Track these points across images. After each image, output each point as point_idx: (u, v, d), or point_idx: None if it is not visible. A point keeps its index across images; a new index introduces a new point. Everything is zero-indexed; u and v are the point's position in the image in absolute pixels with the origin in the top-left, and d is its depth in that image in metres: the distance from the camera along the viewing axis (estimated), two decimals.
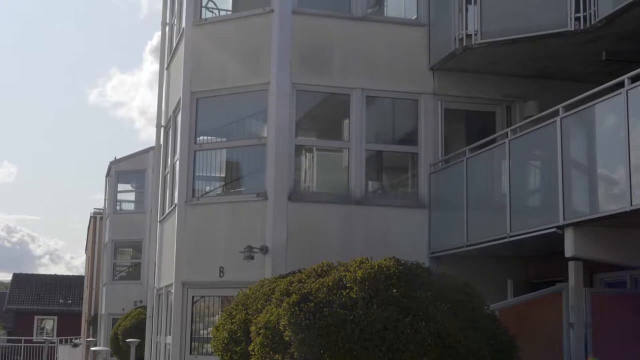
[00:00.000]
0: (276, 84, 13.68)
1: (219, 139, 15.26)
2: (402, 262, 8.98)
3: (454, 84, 14.31)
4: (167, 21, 17.22)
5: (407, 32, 14.39)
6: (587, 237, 10.36)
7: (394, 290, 8.47)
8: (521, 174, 12.01)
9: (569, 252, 10.46)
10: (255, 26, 14.11)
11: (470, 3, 13.30)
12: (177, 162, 14.73)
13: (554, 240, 10.83)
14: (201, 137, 14.60)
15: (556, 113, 10.90)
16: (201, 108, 14.38)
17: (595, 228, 10.34)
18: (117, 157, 36.82)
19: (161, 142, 16.93)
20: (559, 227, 10.56)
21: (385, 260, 8.87)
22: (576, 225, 10.35)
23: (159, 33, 17.38)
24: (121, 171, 36.38)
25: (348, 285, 8.61)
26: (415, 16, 14.57)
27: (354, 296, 8.42)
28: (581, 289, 10.57)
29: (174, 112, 15.76)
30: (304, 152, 14.44)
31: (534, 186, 11.84)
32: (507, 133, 12.35)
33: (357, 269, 8.72)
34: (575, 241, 10.38)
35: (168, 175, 16.28)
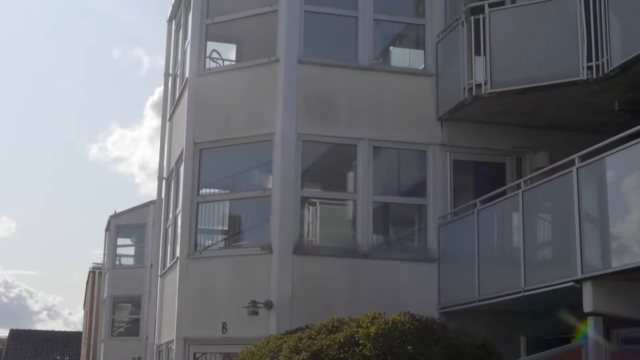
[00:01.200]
0: (281, 134, 13.39)
1: (222, 191, 14.92)
2: (417, 317, 8.58)
3: (462, 134, 14.02)
4: (170, 72, 17.02)
5: (415, 82, 14.14)
6: (607, 292, 9.96)
7: (409, 347, 8.09)
8: (535, 226, 11.66)
9: (587, 307, 10.03)
10: (260, 76, 13.88)
11: (480, 54, 13.08)
12: (179, 215, 14.37)
13: (570, 295, 10.43)
14: (203, 190, 14.27)
15: (571, 163, 10.58)
16: (204, 159, 14.08)
17: (615, 282, 9.94)
18: (117, 211, 36.51)
19: (163, 195, 16.60)
20: (576, 281, 10.16)
21: (399, 315, 8.49)
22: (595, 279, 9.96)
23: (160, 88, 17.24)
24: (121, 225, 36.05)
25: (361, 342, 8.22)
26: (423, 66, 14.34)
27: (367, 354, 8.03)
28: (601, 346, 10.13)
29: (176, 163, 15.45)
30: (309, 204, 14.09)
31: (548, 238, 11.46)
32: (519, 184, 12.02)
33: (369, 324, 8.34)
34: (594, 296, 9.97)
35: (169, 229, 15.92)
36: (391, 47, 15.13)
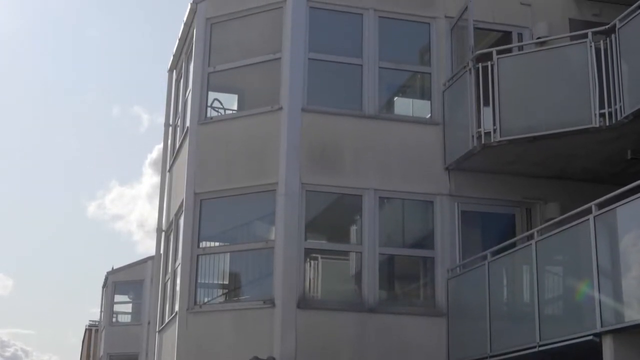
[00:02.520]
0: (285, 184, 13.02)
1: (223, 244, 14.47)
2: None
3: (471, 184, 13.64)
4: (170, 122, 16.70)
5: (421, 131, 13.82)
6: (629, 346, 9.48)
7: None
8: (549, 277, 11.21)
9: None
10: (263, 124, 13.55)
11: (488, 102, 12.76)
12: (179, 268, 13.92)
13: (589, 350, 9.97)
14: (204, 242, 13.83)
15: (587, 212, 10.18)
16: (205, 210, 13.68)
17: (638, 336, 9.48)
18: (115, 268, 36.03)
19: (162, 248, 16.15)
20: (595, 335, 9.69)
21: None
22: (615, 332, 9.49)
23: (159, 146, 16.93)
24: (118, 282, 35.56)
25: None
26: (429, 115, 14.02)
27: None
28: None
29: (176, 215, 15.04)
30: (312, 258, 13.64)
31: (564, 290, 10.98)
32: (532, 234, 11.61)
33: None
34: (615, 350, 9.50)
35: (168, 282, 15.45)
36: (397, 96, 14.83)
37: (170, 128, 16.75)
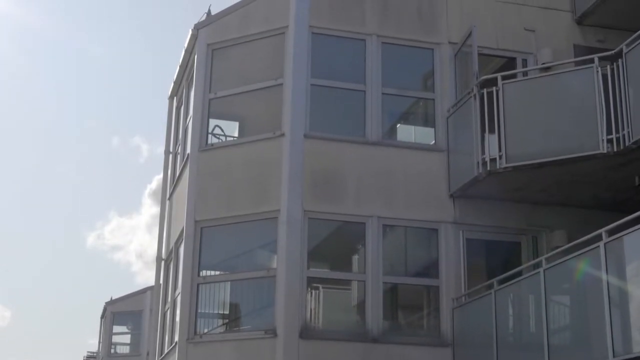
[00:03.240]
0: (287, 211, 12.80)
1: (224, 272, 14.22)
2: None
3: (476, 212, 13.43)
4: (171, 150, 16.50)
5: (425, 158, 13.62)
6: None
7: None
8: (558, 306, 10.96)
9: None
10: (264, 151, 13.36)
11: (493, 128, 12.57)
12: (179, 297, 13.65)
13: None
14: (204, 271, 13.58)
15: (597, 239, 9.96)
16: (205, 238, 13.44)
17: None
18: (113, 298, 35.70)
19: (161, 277, 15.89)
20: None
21: None
22: None
23: (159, 177, 16.75)
24: (117, 312, 35.21)
25: None
26: (433, 141, 13.83)
27: None
28: None
29: (176, 243, 14.80)
30: (313, 288, 13.39)
31: (574, 319, 10.73)
32: (540, 262, 11.38)
33: None
34: None
35: (168, 312, 15.17)
36: (400, 122, 14.65)
37: (171, 156, 16.55)
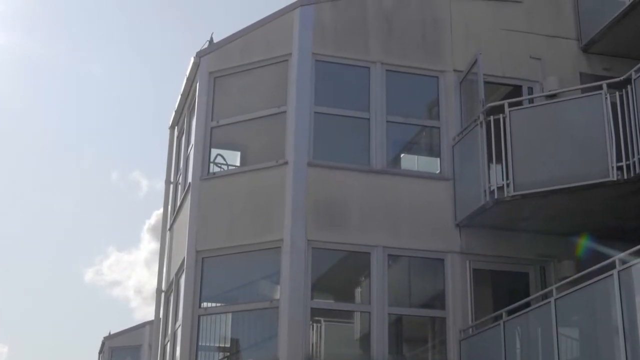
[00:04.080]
0: (290, 241, 12.53)
1: (225, 304, 13.90)
2: None
3: (482, 242, 13.17)
4: (172, 180, 16.26)
5: (431, 186, 13.39)
6: None
7: None
8: (570, 336, 10.66)
9: None
10: (267, 179, 13.12)
11: (500, 156, 12.36)
12: (179, 330, 13.34)
13: None
14: (205, 303, 13.28)
15: (609, 267, 9.72)
16: (207, 268, 13.16)
17: None
18: (112, 332, 35.23)
19: (161, 309, 15.57)
20: None
21: None
22: None
23: (158, 212, 16.50)
24: (115, 347, 34.69)
25: None
26: (439, 170, 13.61)
27: None
28: None
29: (176, 274, 14.51)
30: (315, 321, 13.08)
31: (588, 349, 10.43)
32: (549, 292, 11.12)
33: None
34: None
35: (168, 345, 14.84)
36: (405, 150, 14.43)
37: (171, 186, 16.31)
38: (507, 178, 12.14)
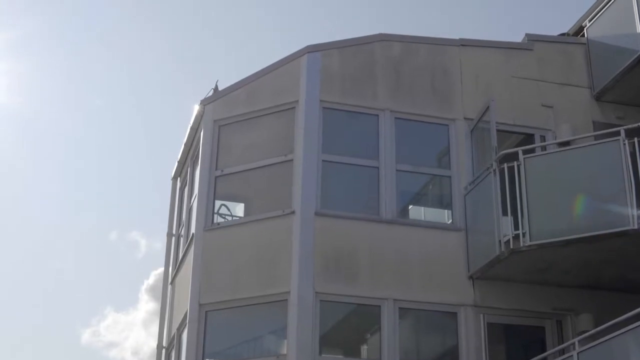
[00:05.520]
0: (297, 293, 12.05)
1: None
2: None
3: (497, 295, 12.68)
4: (174, 232, 15.82)
5: (442, 237, 12.95)
6: None
7: None
8: None
9: None
10: (273, 230, 12.69)
11: (515, 204, 11.95)
12: None
13: None
14: (208, 359, 12.74)
15: (631, 321, 9.28)
16: (210, 323, 12.64)
17: None
18: None
19: None
20: None
21: None
22: None
23: (156, 272, 16.04)
24: None
25: None
26: (450, 220, 13.19)
27: None
28: None
29: (178, 329, 13.98)
30: None
31: None
32: (567, 347, 10.65)
33: None
34: None
35: None
36: (415, 200, 14.02)
37: (173, 239, 15.86)
38: (523, 227, 11.72)
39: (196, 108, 14.12)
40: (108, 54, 39.62)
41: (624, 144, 11.41)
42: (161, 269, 16.29)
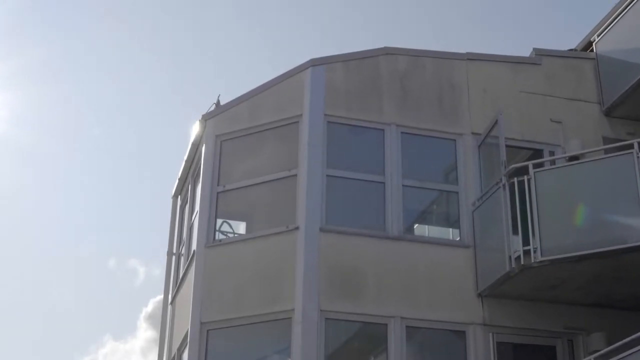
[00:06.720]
0: (301, 311, 11.71)
1: None
2: None
3: (506, 313, 12.35)
4: (174, 251, 15.48)
5: (450, 254, 12.63)
6: None
7: None
8: None
9: None
10: (277, 246, 12.37)
11: (526, 219, 11.63)
12: None
13: None
14: None
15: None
16: (212, 342, 12.29)
17: None
18: None
19: None
20: None
21: None
22: None
23: (154, 299, 15.69)
24: None
25: None
26: (458, 237, 12.88)
27: None
28: None
29: (178, 349, 13.62)
30: None
31: None
32: None
33: None
34: None
35: None
36: (422, 216, 13.71)
37: (174, 257, 15.53)
38: (534, 243, 11.40)
39: (197, 123, 13.83)
40: (107, 78, 39.41)
41: (637, 158, 11.14)
42: (160, 297, 15.99)
